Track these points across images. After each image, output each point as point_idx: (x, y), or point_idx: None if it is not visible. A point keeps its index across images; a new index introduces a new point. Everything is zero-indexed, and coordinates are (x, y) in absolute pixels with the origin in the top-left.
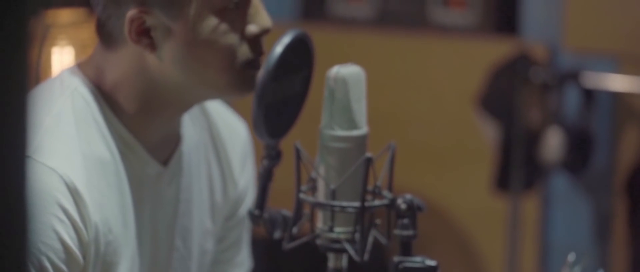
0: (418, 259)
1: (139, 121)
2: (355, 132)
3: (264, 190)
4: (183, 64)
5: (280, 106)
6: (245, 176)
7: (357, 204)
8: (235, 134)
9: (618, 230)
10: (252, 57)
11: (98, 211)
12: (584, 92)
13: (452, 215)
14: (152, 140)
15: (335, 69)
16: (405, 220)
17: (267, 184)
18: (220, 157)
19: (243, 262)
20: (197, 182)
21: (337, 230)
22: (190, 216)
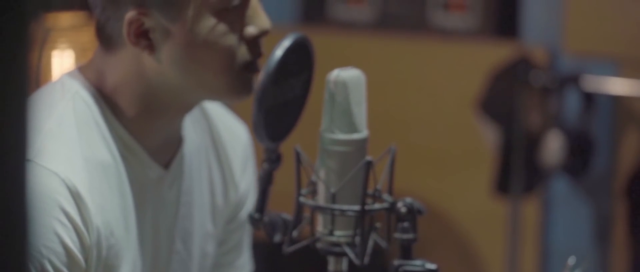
0: (418, 262)
1: (140, 124)
2: (356, 136)
3: (264, 193)
4: (181, 65)
5: (281, 109)
6: (246, 179)
7: (357, 207)
8: (236, 137)
9: (618, 233)
10: (250, 59)
11: (100, 214)
12: (584, 96)
13: (452, 218)
14: (153, 143)
15: (336, 72)
16: (406, 223)
17: (267, 187)
18: (221, 161)
19: (244, 266)
20: (198, 185)
21: (337, 233)
22: (192, 219)
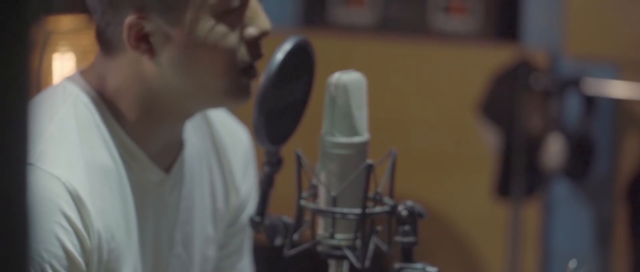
0: (419, 265)
1: (141, 128)
2: (356, 139)
3: (265, 197)
4: (182, 68)
5: (282, 113)
6: (247, 183)
7: (358, 210)
8: (237, 140)
9: (619, 236)
10: (249, 62)
11: (101, 218)
12: (585, 99)
13: (453, 221)
14: (154, 147)
15: (336, 75)
16: (406, 227)
17: (268, 190)
18: (223, 164)
19: (244, 269)
20: (199, 189)
21: (338, 237)
22: (192, 223)
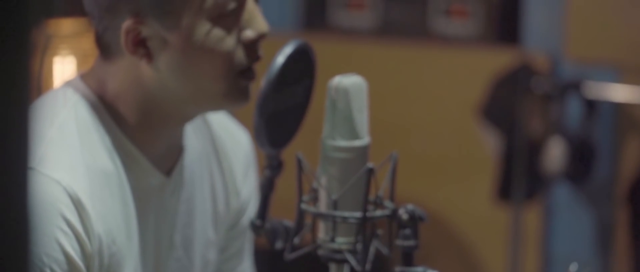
0: (420, 269)
1: (142, 132)
2: (357, 143)
3: (266, 200)
4: (180, 72)
5: (282, 116)
6: (248, 186)
7: (358, 214)
8: (238, 143)
9: (620, 240)
10: (247, 64)
11: (101, 223)
12: (586, 102)
13: (454, 225)
14: (155, 150)
15: (337, 79)
16: (407, 230)
17: (268, 194)
18: (223, 167)
19: None
20: (200, 193)
21: (338, 240)
22: (193, 226)
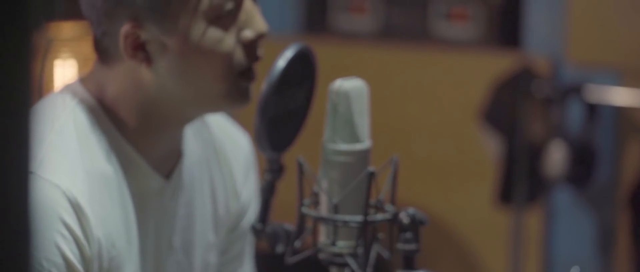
0: None
1: (141, 135)
2: (358, 146)
3: (267, 204)
4: (179, 75)
5: (283, 120)
6: (248, 188)
7: (359, 218)
8: (238, 146)
9: (621, 244)
10: (246, 65)
11: (101, 226)
12: (587, 106)
13: (455, 229)
14: (154, 154)
15: (338, 82)
16: (408, 234)
17: (269, 198)
18: (223, 170)
19: None
20: (199, 196)
21: (339, 244)
22: (193, 230)
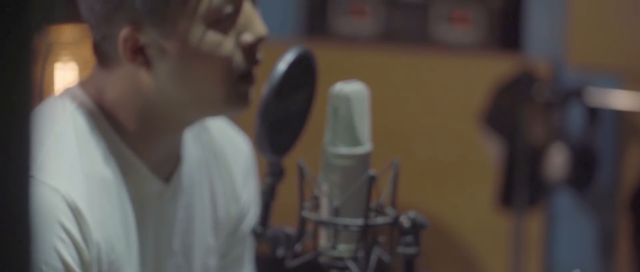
0: None
1: (141, 139)
2: (359, 150)
3: (267, 207)
4: (179, 79)
5: (284, 123)
6: (248, 191)
7: (360, 221)
8: (238, 149)
9: (622, 247)
10: (246, 69)
11: (100, 230)
12: (588, 109)
13: (455, 232)
14: (154, 157)
15: (339, 86)
16: (409, 237)
17: (270, 201)
18: (223, 173)
19: None
20: (199, 199)
21: (340, 248)
22: (193, 233)
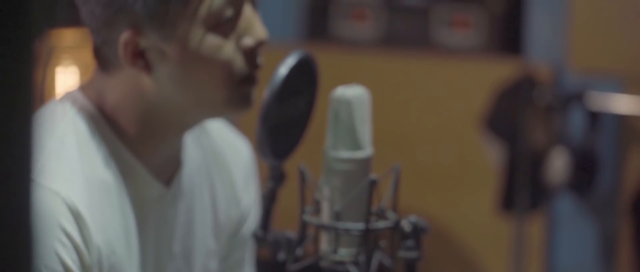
0: None
1: (141, 143)
2: (360, 154)
3: (268, 211)
4: (180, 83)
5: (285, 127)
6: (248, 194)
7: (361, 226)
8: (238, 152)
9: (623, 251)
10: (248, 72)
11: (101, 234)
12: (589, 114)
13: (456, 236)
14: (154, 161)
15: (340, 90)
16: (410, 242)
17: (271, 205)
18: (223, 177)
19: None
20: (200, 203)
21: (341, 252)
22: (193, 237)
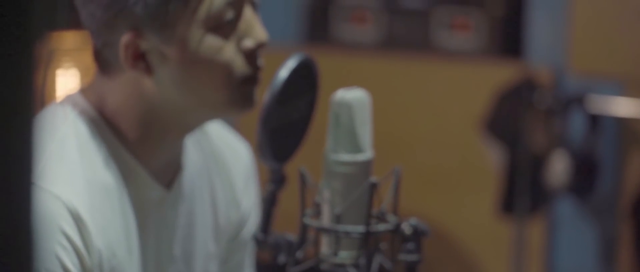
0: None
1: (142, 145)
2: (360, 157)
3: (269, 214)
4: (181, 85)
5: (285, 130)
6: (248, 197)
7: (361, 228)
8: (238, 155)
9: (623, 254)
10: (249, 73)
11: (101, 237)
12: (589, 116)
13: (457, 239)
14: (155, 164)
15: (340, 93)
16: (410, 244)
17: (271, 208)
18: (223, 179)
19: None
20: (200, 205)
21: (341, 254)
22: (194, 239)
